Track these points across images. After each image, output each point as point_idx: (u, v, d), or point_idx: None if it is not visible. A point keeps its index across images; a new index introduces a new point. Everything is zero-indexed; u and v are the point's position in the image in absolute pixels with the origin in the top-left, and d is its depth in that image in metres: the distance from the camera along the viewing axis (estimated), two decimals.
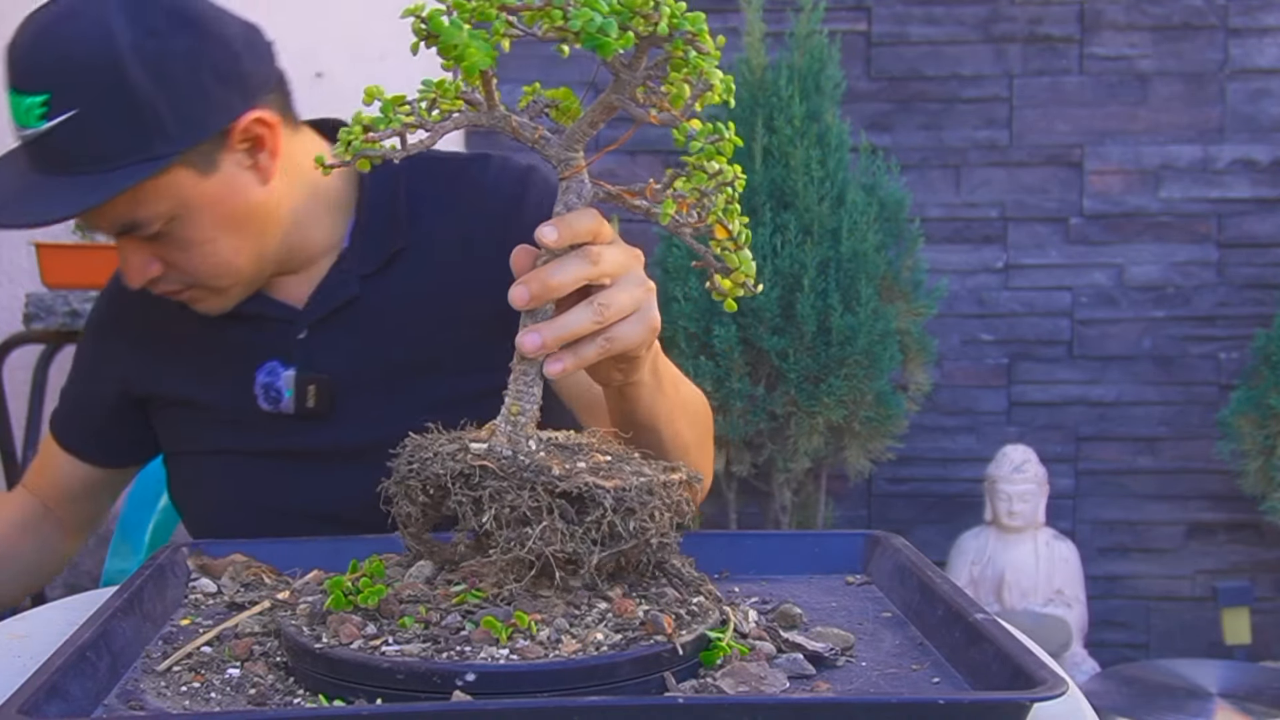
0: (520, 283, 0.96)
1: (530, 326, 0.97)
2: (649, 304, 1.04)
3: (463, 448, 0.93)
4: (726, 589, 1.09)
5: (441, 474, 0.92)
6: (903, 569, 1.09)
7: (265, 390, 1.43)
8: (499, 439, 0.94)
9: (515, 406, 0.96)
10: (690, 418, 1.30)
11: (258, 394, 1.43)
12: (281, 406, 1.42)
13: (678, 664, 0.88)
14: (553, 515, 0.89)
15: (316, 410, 1.42)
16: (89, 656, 0.87)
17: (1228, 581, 3.30)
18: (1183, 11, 3.32)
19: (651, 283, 1.05)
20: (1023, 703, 0.79)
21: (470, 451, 0.92)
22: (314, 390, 1.41)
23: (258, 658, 0.94)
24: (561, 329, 0.97)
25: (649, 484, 0.91)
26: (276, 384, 1.42)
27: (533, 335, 0.96)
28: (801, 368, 2.87)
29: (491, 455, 0.91)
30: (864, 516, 3.43)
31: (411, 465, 0.94)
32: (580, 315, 0.98)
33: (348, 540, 1.16)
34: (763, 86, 2.96)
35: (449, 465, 0.91)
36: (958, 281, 3.37)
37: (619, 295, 1.00)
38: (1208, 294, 3.37)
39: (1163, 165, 3.35)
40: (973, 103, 3.36)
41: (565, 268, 0.97)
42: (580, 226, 0.98)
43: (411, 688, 0.83)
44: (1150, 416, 3.39)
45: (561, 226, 0.97)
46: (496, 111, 0.95)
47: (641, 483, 0.91)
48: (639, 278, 1.03)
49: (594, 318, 0.99)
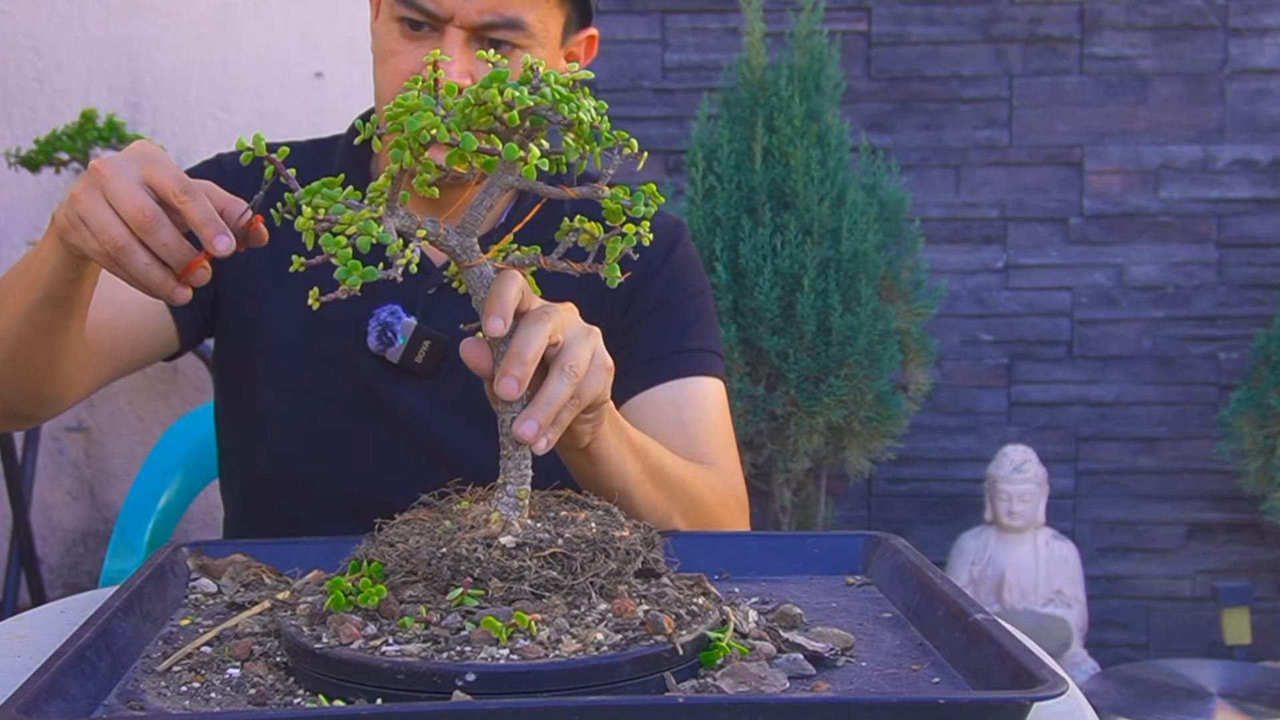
0: (506, 375, 0.97)
1: (523, 414, 0.98)
2: (599, 347, 1.05)
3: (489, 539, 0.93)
4: (726, 589, 1.09)
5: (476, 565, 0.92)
6: (903, 569, 1.09)
7: (382, 328, 1.40)
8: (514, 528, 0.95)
9: (522, 492, 0.97)
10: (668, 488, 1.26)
11: (370, 330, 1.39)
12: (390, 351, 1.39)
13: (678, 664, 0.88)
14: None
15: (421, 367, 1.40)
16: (89, 656, 0.87)
17: (1228, 581, 3.30)
18: (1183, 11, 3.32)
19: (593, 327, 1.06)
20: (1023, 702, 0.79)
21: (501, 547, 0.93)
22: (427, 346, 1.39)
23: (258, 658, 0.94)
24: (549, 406, 0.99)
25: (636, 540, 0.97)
26: (396, 326, 1.39)
27: (529, 423, 0.97)
28: (801, 368, 2.87)
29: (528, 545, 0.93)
30: (864, 517, 3.42)
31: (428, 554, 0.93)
32: (558, 386, 1.00)
33: (348, 540, 1.16)
34: (763, 86, 2.96)
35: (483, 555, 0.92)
36: (958, 281, 3.37)
37: (578, 352, 1.02)
38: (1208, 294, 3.36)
39: (1163, 165, 3.35)
40: (973, 103, 3.36)
41: (530, 342, 0.98)
42: (511, 301, 0.98)
43: (411, 688, 0.83)
44: (1150, 416, 3.39)
45: (503, 312, 0.97)
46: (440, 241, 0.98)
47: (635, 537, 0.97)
48: (582, 327, 1.05)
49: (570, 382, 1.00)
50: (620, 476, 1.19)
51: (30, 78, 3.22)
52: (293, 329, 1.43)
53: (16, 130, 3.19)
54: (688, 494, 1.31)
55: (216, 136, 3.23)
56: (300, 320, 1.41)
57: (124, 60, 3.25)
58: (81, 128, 2.76)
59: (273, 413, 1.45)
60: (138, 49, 3.25)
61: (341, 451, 1.42)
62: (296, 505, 1.43)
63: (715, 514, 1.35)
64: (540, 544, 0.92)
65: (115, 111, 2.87)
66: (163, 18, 3.25)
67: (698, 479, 1.34)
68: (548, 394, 0.99)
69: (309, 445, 1.43)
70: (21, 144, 2.86)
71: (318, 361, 1.43)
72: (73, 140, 2.76)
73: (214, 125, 3.25)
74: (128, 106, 3.20)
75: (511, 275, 0.98)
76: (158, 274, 1.08)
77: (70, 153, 2.77)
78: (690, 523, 1.29)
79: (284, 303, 1.42)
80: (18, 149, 2.79)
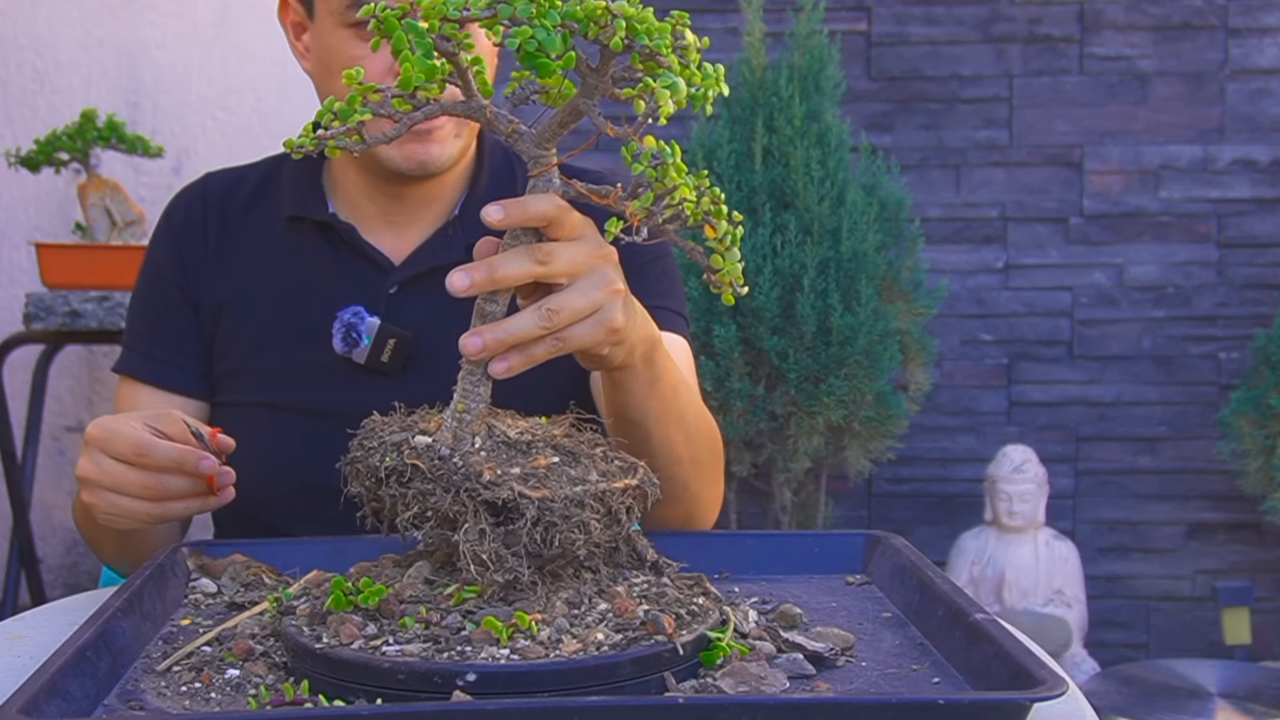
0: (463, 269, 0.95)
1: (474, 329, 0.96)
2: (610, 305, 1.02)
3: (405, 441, 0.94)
4: (726, 589, 1.09)
5: (378, 466, 0.93)
6: (903, 569, 1.09)
7: (346, 330, 1.40)
8: (443, 435, 0.94)
9: (461, 405, 0.96)
10: (687, 431, 1.26)
11: (335, 332, 1.41)
12: (356, 351, 1.40)
13: (678, 664, 0.88)
14: (477, 519, 0.90)
15: (388, 366, 1.40)
16: (89, 656, 0.87)
17: (1228, 581, 3.30)
18: (1183, 11, 3.32)
19: (620, 283, 1.03)
20: (1023, 703, 0.79)
21: (411, 447, 0.93)
22: (393, 345, 1.40)
23: (258, 657, 0.94)
24: (504, 333, 0.96)
25: (583, 494, 0.91)
26: (360, 326, 1.40)
27: (474, 338, 0.96)
28: (801, 368, 2.87)
29: (427, 454, 0.92)
30: (864, 516, 3.42)
31: (359, 450, 0.96)
32: (525, 320, 0.97)
33: (348, 540, 1.16)
34: (763, 86, 2.96)
35: (386, 459, 0.93)
36: (958, 281, 3.37)
37: (572, 299, 0.99)
38: (1208, 294, 3.36)
39: (1163, 165, 3.35)
40: (973, 103, 3.36)
41: (511, 263, 0.96)
42: (534, 210, 0.96)
43: (412, 688, 0.83)
44: (1150, 416, 3.39)
45: (510, 207, 0.95)
46: (474, 101, 0.95)
47: (574, 493, 0.91)
48: (601, 279, 1.01)
49: (540, 323, 0.97)
50: (641, 411, 1.18)
51: (30, 78, 3.22)
52: (261, 345, 1.45)
53: (16, 130, 3.18)
54: (705, 445, 1.30)
55: (217, 136, 3.23)
56: (268, 335, 1.44)
57: (124, 60, 3.25)
58: (81, 128, 2.75)
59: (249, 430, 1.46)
60: (138, 49, 3.25)
61: (316, 461, 1.42)
62: (273, 515, 1.43)
63: (716, 471, 1.35)
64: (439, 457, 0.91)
65: (115, 111, 2.87)
66: (163, 18, 3.25)
67: (715, 433, 1.34)
68: (509, 323, 0.96)
69: (284, 458, 1.43)
70: (21, 144, 2.85)
71: (287, 375, 1.44)
72: (73, 140, 2.75)
73: (214, 125, 3.25)
74: (128, 106, 3.20)
75: (549, 196, 0.96)
76: (197, 505, 1.17)
77: (70, 153, 2.76)
78: (696, 471, 1.29)
79: (252, 321, 1.45)
80: (18, 149, 2.78)
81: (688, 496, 1.29)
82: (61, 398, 3.27)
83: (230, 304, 1.47)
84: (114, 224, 2.78)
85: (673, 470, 1.23)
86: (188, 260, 1.49)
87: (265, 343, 1.46)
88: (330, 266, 1.45)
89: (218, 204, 1.51)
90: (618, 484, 0.94)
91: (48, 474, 3.28)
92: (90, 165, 2.77)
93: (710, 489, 1.34)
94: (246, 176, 1.54)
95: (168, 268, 1.50)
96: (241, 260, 1.48)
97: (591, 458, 0.96)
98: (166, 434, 1.15)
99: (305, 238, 1.47)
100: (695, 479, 1.29)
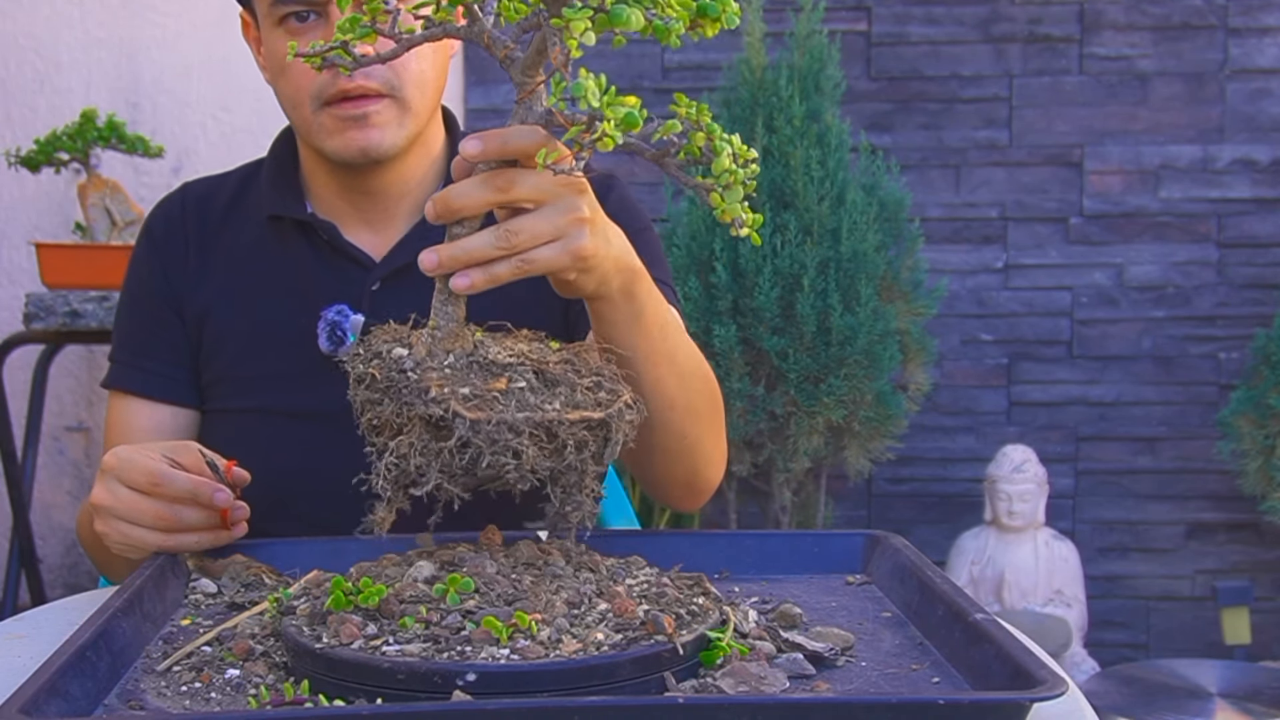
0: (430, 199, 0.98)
1: (434, 247, 0.98)
2: (575, 232, 1.02)
3: (385, 351, 0.95)
4: (726, 589, 1.09)
5: (350, 372, 0.96)
6: (903, 569, 1.09)
7: (331, 328, 1.42)
8: (418, 349, 0.95)
9: (433, 322, 0.98)
10: (680, 374, 1.24)
11: (320, 332, 1.42)
12: (342, 350, 1.41)
13: (678, 664, 0.88)
14: (411, 433, 0.91)
15: None
16: (89, 656, 0.87)
17: (1227, 581, 3.30)
18: (1183, 11, 3.32)
19: (589, 211, 1.03)
20: (1023, 703, 0.79)
21: (380, 356, 0.95)
22: None
23: (258, 658, 0.94)
24: (459, 250, 0.97)
25: (523, 421, 0.91)
26: (344, 325, 1.41)
27: (430, 254, 0.97)
28: (801, 368, 2.87)
29: (391, 365, 0.94)
30: (864, 516, 3.42)
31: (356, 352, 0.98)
32: (483, 239, 0.98)
33: (348, 540, 1.16)
34: (762, 86, 2.96)
35: (358, 366, 0.96)
36: (958, 281, 3.37)
37: (533, 223, 0.99)
38: (1208, 294, 3.36)
39: (1163, 165, 3.35)
40: (973, 103, 3.36)
41: (469, 191, 0.97)
42: (514, 144, 0.97)
43: (412, 688, 0.83)
44: (1150, 416, 3.39)
45: (487, 139, 0.97)
46: (476, 25, 0.96)
47: (515, 419, 0.91)
48: (568, 205, 1.01)
49: (497, 244, 0.98)
50: (627, 347, 1.16)
51: (30, 78, 3.22)
52: (247, 350, 1.46)
53: (16, 130, 3.19)
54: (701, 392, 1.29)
55: (217, 137, 3.23)
56: (253, 339, 1.45)
57: (124, 60, 3.25)
58: (81, 128, 2.75)
59: (240, 435, 1.47)
60: (138, 49, 3.25)
61: (310, 463, 1.43)
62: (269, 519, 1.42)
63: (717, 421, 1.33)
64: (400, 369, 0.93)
65: (115, 111, 2.87)
66: (163, 18, 3.25)
67: (711, 381, 1.32)
68: (466, 241, 0.98)
69: (277, 462, 1.43)
70: (21, 144, 2.85)
71: (275, 379, 1.45)
72: (73, 140, 2.75)
73: (214, 125, 3.25)
74: (128, 106, 3.20)
75: (532, 129, 0.96)
76: (209, 539, 1.16)
77: (70, 153, 2.76)
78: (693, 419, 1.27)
79: (237, 325, 1.46)
80: (18, 149, 2.78)
81: (686, 447, 1.28)
82: (61, 398, 3.27)
83: (214, 309, 1.48)
84: (114, 224, 2.78)
85: (666, 415, 1.22)
86: (170, 269, 1.50)
87: (251, 347, 1.46)
88: (312, 266, 1.46)
89: (196, 211, 1.52)
90: (571, 415, 0.93)
91: (48, 474, 3.28)
92: (90, 165, 2.78)
93: (711, 439, 1.32)
94: (224, 183, 1.55)
95: (150, 279, 1.51)
96: (223, 265, 1.49)
97: (576, 387, 0.95)
98: (182, 465, 1.16)
99: (286, 239, 1.48)
100: (693, 426, 1.27)
